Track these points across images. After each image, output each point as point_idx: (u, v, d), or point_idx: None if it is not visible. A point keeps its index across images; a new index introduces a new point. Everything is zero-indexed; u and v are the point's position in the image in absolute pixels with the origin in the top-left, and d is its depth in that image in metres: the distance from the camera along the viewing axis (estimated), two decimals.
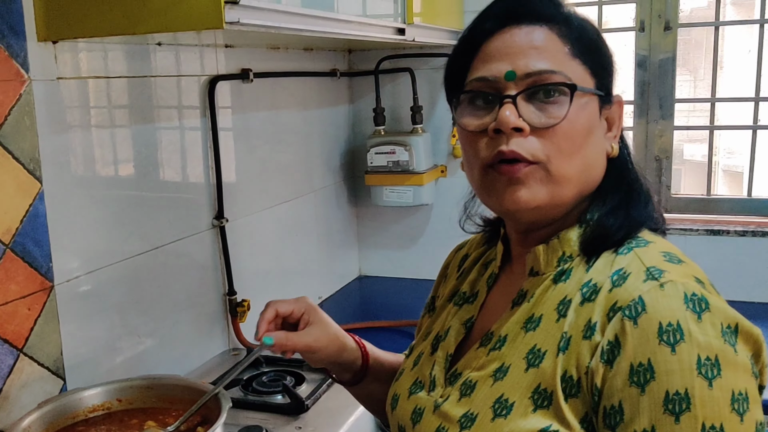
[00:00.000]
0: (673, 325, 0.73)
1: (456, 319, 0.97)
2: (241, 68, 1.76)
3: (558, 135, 0.82)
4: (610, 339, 0.76)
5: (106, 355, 1.38)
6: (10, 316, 1.16)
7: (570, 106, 0.82)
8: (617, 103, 0.89)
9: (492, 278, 0.97)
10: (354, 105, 2.41)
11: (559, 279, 0.85)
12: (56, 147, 1.25)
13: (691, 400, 0.71)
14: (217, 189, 1.67)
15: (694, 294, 0.75)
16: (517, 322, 0.86)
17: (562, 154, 0.82)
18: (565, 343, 0.79)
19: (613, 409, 0.75)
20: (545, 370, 0.80)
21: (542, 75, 0.82)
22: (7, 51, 1.14)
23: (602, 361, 0.75)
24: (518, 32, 0.84)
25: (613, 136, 0.89)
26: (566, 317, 0.81)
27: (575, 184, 0.84)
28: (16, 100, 1.16)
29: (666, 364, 0.72)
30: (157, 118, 1.50)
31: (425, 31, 1.91)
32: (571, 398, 0.77)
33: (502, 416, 0.80)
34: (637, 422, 0.73)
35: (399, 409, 0.96)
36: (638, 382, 0.73)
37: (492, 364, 0.85)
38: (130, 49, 1.42)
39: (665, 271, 0.78)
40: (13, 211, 1.16)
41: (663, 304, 0.74)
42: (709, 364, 0.72)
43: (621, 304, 0.76)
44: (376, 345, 1.85)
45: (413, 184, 2.22)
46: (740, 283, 2.03)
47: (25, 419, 1.05)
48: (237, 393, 1.41)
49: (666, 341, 0.72)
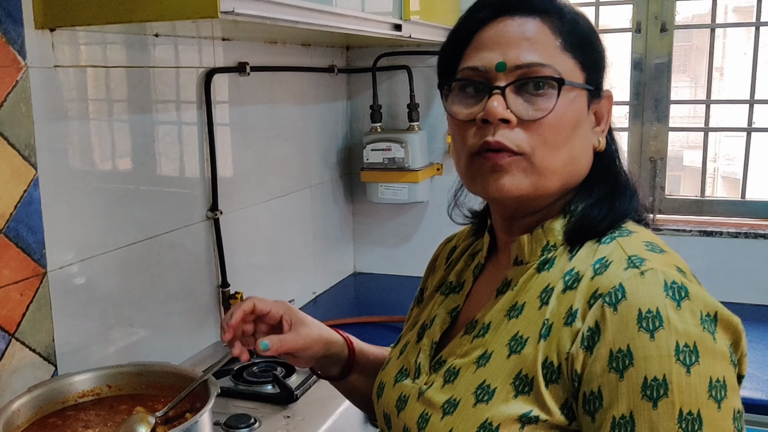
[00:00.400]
0: (652, 311, 0.73)
1: (442, 308, 0.98)
2: (238, 61, 1.77)
3: (544, 127, 0.83)
4: (590, 325, 0.77)
5: (98, 344, 1.39)
6: (2, 302, 1.17)
7: (558, 99, 0.82)
8: (606, 98, 0.90)
9: (478, 268, 0.98)
10: (351, 101, 2.42)
11: (543, 268, 0.86)
12: (52, 134, 1.26)
13: (668, 386, 0.72)
14: (211, 181, 1.68)
15: (674, 282, 0.76)
16: (501, 309, 0.87)
17: (547, 147, 0.83)
18: (547, 329, 0.80)
19: (592, 394, 0.76)
20: (526, 357, 0.81)
21: (532, 68, 0.83)
22: (5, 37, 1.15)
23: (582, 347, 0.76)
24: (511, 23, 0.85)
25: (601, 131, 0.90)
26: (548, 305, 0.82)
27: (560, 175, 0.85)
28: (12, 87, 1.17)
29: (644, 350, 0.73)
30: (153, 109, 1.51)
31: (422, 28, 1.92)
32: (551, 384, 0.78)
33: (483, 402, 0.81)
34: (616, 408, 0.74)
35: (384, 397, 0.97)
36: (617, 367, 0.74)
37: (475, 351, 0.86)
38: (128, 39, 1.43)
39: (646, 259, 0.79)
40: (8, 196, 1.17)
41: (643, 291, 0.75)
42: (687, 351, 0.72)
43: (602, 291, 0.77)
44: (370, 341, 1.86)
45: (408, 181, 2.23)
46: (733, 285, 2.03)
47: (15, 402, 1.06)
48: (227, 382, 1.42)
49: (645, 328, 0.73)
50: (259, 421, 1.26)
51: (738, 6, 3.68)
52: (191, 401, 1.10)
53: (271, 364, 1.49)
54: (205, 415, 1.00)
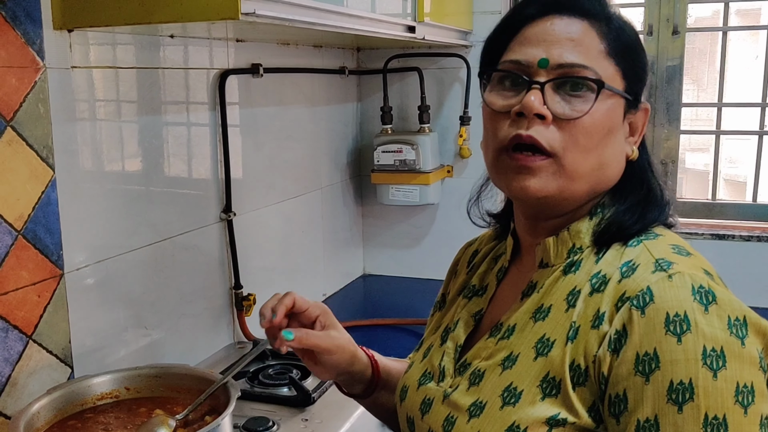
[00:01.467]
0: (680, 315, 0.73)
1: (465, 311, 0.97)
2: (251, 63, 1.76)
3: (578, 129, 0.82)
4: (617, 328, 0.76)
5: (114, 345, 1.38)
6: (20, 303, 1.17)
7: (595, 102, 0.82)
8: (643, 110, 0.89)
9: (502, 272, 0.98)
10: (362, 103, 2.42)
11: (569, 270, 0.86)
12: (69, 135, 1.25)
13: (694, 390, 0.71)
14: (225, 183, 1.67)
15: (702, 286, 0.75)
16: (526, 312, 0.87)
17: (578, 149, 0.83)
18: (574, 332, 0.80)
19: (617, 397, 0.75)
20: (554, 359, 0.80)
21: (574, 68, 0.83)
22: (24, 38, 1.15)
23: (609, 350, 0.76)
24: (559, 21, 0.85)
25: (634, 141, 0.89)
26: (575, 307, 0.82)
27: (587, 180, 0.85)
28: (31, 88, 1.16)
29: (671, 354, 0.72)
30: (168, 110, 1.51)
31: (435, 29, 1.92)
32: (578, 387, 0.78)
33: (510, 404, 0.81)
34: (641, 411, 0.73)
35: (408, 401, 0.96)
36: (643, 371, 0.73)
37: (500, 353, 0.86)
38: (143, 40, 1.42)
39: (674, 262, 0.78)
40: (26, 197, 1.17)
41: (671, 295, 0.75)
42: (714, 356, 0.72)
43: (629, 294, 0.77)
44: (380, 343, 1.86)
45: (419, 183, 2.23)
46: (745, 288, 2.01)
47: (34, 405, 1.06)
48: (243, 385, 1.41)
49: (672, 331, 0.73)
50: (277, 424, 1.25)
51: (740, 9, 3.68)
52: (211, 403, 1.10)
53: (287, 366, 1.49)
54: (226, 418, 1.00)
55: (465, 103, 2.27)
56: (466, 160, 2.29)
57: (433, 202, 2.29)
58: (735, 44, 2.35)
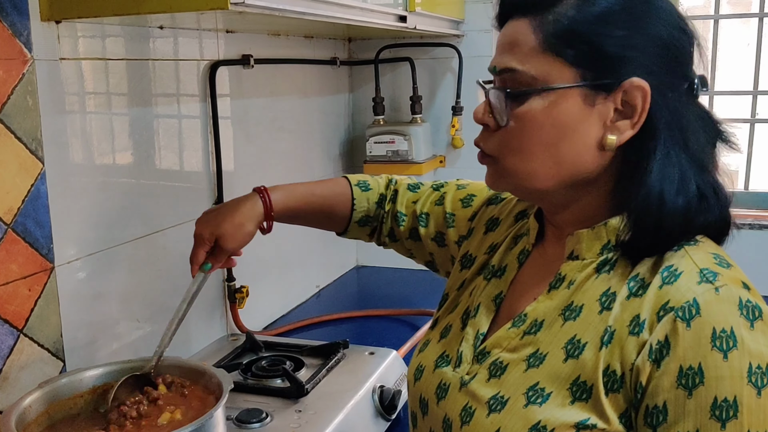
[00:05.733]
0: (726, 331, 0.72)
1: (485, 295, 0.96)
2: (242, 54, 1.75)
3: (509, 133, 0.84)
4: (659, 338, 0.75)
5: (106, 339, 1.38)
6: (10, 297, 1.16)
7: (522, 106, 0.82)
8: (634, 87, 0.79)
9: (524, 254, 0.96)
10: (354, 94, 2.41)
11: (602, 269, 0.84)
12: (59, 128, 1.24)
13: (738, 408, 0.71)
14: (216, 174, 1.67)
15: (749, 301, 0.75)
16: (555, 308, 0.85)
17: (513, 152, 0.84)
18: (609, 336, 0.78)
19: (656, 408, 0.74)
20: (586, 363, 0.79)
21: (506, 74, 0.84)
22: (11, 30, 1.14)
23: (650, 360, 0.75)
24: (509, 26, 0.86)
25: (630, 124, 0.80)
26: (611, 310, 0.80)
27: (546, 178, 0.84)
28: (19, 80, 1.15)
29: (717, 370, 0.72)
30: (159, 102, 1.49)
31: (427, 19, 1.91)
32: (612, 393, 0.77)
33: (536, 404, 0.80)
34: (682, 424, 0.73)
35: (423, 381, 0.95)
36: (686, 384, 0.73)
37: (526, 349, 0.85)
38: (132, 32, 1.41)
39: (719, 274, 0.77)
40: (15, 190, 1.16)
41: (717, 309, 0.74)
42: (759, 373, 0.72)
43: (673, 304, 0.75)
44: (374, 334, 1.86)
45: (412, 173, 2.21)
46: None
47: (26, 399, 1.05)
48: (236, 377, 1.41)
49: (718, 347, 0.72)
50: (270, 415, 1.25)
51: None
52: (203, 395, 1.10)
53: (280, 358, 1.48)
54: (219, 410, 0.99)
55: (457, 93, 2.26)
56: (458, 150, 2.28)
57: None
58: (726, 32, 2.34)
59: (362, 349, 1.55)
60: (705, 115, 0.86)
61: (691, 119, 0.82)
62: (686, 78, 0.83)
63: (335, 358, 1.47)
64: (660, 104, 0.80)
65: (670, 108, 0.80)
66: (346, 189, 1.26)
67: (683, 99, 0.82)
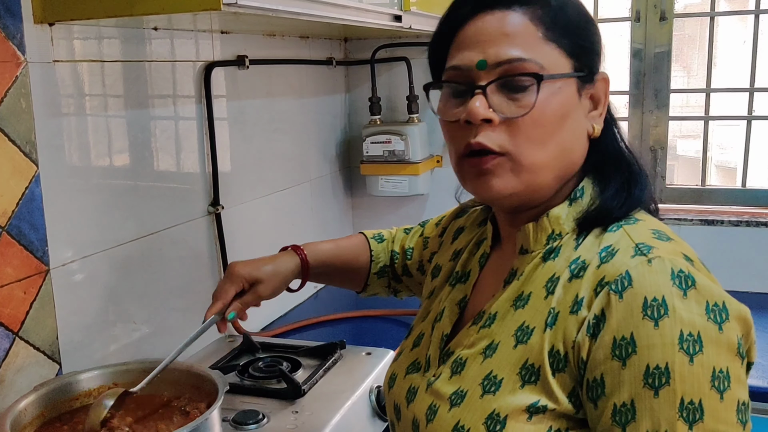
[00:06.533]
0: (657, 300, 0.73)
1: (449, 300, 0.98)
2: (237, 55, 1.75)
3: (527, 124, 0.82)
4: (596, 313, 0.76)
5: (102, 341, 1.37)
6: (5, 300, 1.16)
7: (538, 95, 0.81)
8: (602, 81, 0.87)
9: (484, 257, 0.98)
10: (350, 94, 2.41)
11: (548, 257, 0.86)
12: (53, 130, 1.24)
13: (671, 375, 0.71)
14: (212, 176, 1.66)
15: (681, 271, 0.75)
16: (507, 300, 0.87)
17: (532, 144, 0.82)
18: (553, 318, 0.80)
19: (595, 381, 0.75)
20: (533, 346, 0.80)
21: (512, 64, 0.81)
22: (4, 32, 1.14)
23: (588, 335, 0.76)
24: (491, 18, 0.83)
25: (598, 114, 0.88)
26: (554, 294, 0.82)
27: (551, 169, 0.84)
28: (12, 83, 1.15)
29: (648, 339, 0.72)
30: (153, 104, 1.49)
31: (422, 18, 1.91)
32: (558, 373, 0.78)
33: (490, 393, 0.81)
34: (617, 395, 0.74)
35: (396, 388, 0.97)
36: (620, 355, 0.74)
37: (482, 342, 0.86)
38: (126, 33, 1.41)
39: (654, 247, 0.78)
40: (9, 193, 1.16)
41: (649, 280, 0.75)
42: (691, 340, 0.72)
43: (608, 279, 0.77)
44: (371, 334, 1.86)
45: (409, 173, 2.22)
46: (734, 273, 2.03)
47: (21, 402, 1.05)
48: (233, 378, 1.41)
49: (650, 316, 0.73)
50: (267, 416, 1.25)
51: None
52: (200, 397, 1.09)
53: (276, 359, 1.48)
54: (215, 411, 0.99)
55: None
56: None
57: (423, 192, 2.28)
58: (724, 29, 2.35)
59: (359, 350, 1.55)
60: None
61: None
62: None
63: (332, 359, 1.47)
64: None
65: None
66: (364, 242, 1.32)
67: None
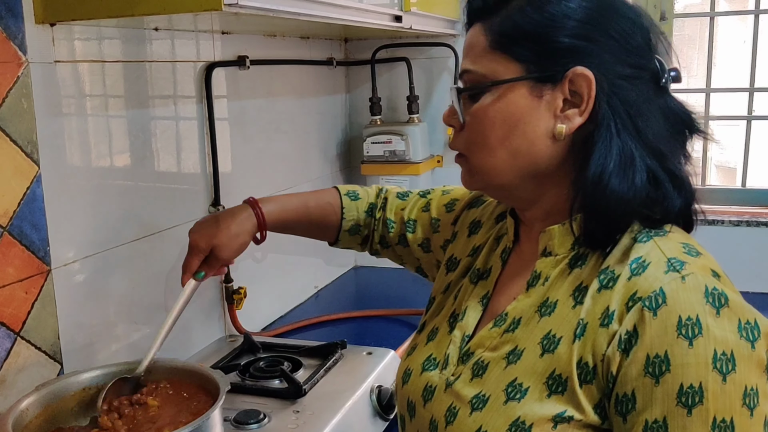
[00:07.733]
0: (692, 319, 0.73)
1: (473, 298, 0.97)
2: (238, 55, 1.75)
3: (473, 130, 0.88)
4: (628, 328, 0.76)
5: (103, 341, 1.37)
6: (7, 300, 1.16)
7: (476, 103, 0.87)
8: (578, 76, 0.81)
9: (506, 253, 0.98)
10: (350, 94, 2.41)
11: (575, 264, 0.85)
12: (54, 130, 1.24)
13: (704, 394, 0.72)
14: (213, 176, 1.67)
15: (715, 288, 0.75)
16: (532, 305, 0.87)
17: (479, 148, 0.88)
18: (582, 329, 0.80)
19: (625, 396, 0.76)
20: (560, 356, 0.80)
21: (464, 75, 0.90)
22: (5, 33, 1.14)
23: (619, 350, 0.76)
24: (470, 32, 0.91)
25: (580, 112, 0.82)
26: (583, 304, 0.81)
27: (507, 171, 0.87)
28: (13, 83, 1.15)
29: (682, 358, 0.73)
30: (154, 104, 1.50)
31: (422, 19, 1.91)
32: (586, 384, 0.78)
33: (515, 400, 0.81)
34: (649, 412, 0.74)
35: (410, 385, 0.96)
36: (653, 372, 0.74)
37: (505, 346, 0.86)
38: (127, 34, 1.41)
39: (686, 263, 0.78)
40: (11, 193, 1.16)
41: (683, 297, 0.75)
42: (724, 359, 0.72)
43: (641, 294, 0.77)
44: (372, 334, 1.86)
45: (410, 173, 2.22)
46: (735, 273, 1.97)
47: (23, 402, 1.05)
48: (234, 378, 1.41)
49: (684, 335, 0.73)
50: (268, 416, 1.25)
51: None
52: (200, 396, 1.10)
53: (278, 359, 1.48)
54: (216, 411, 0.99)
55: None
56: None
57: None
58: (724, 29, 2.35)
59: (360, 350, 1.55)
60: (675, 107, 0.87)
61: (651, 108, 0.83)
62: (643, 68, 0.84)
63: (333, 359, 1.47)
64: (609, 92, 0.81)
65: (621, 96, 0.82)
66: (336, 199, 1.30)
67: (642, 89, 0.83)
